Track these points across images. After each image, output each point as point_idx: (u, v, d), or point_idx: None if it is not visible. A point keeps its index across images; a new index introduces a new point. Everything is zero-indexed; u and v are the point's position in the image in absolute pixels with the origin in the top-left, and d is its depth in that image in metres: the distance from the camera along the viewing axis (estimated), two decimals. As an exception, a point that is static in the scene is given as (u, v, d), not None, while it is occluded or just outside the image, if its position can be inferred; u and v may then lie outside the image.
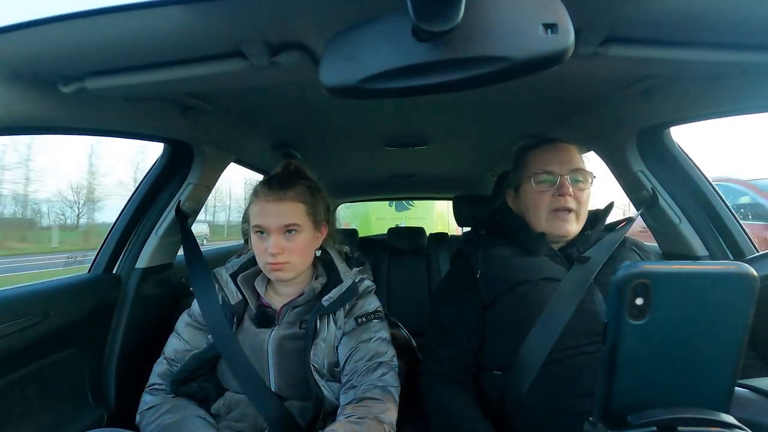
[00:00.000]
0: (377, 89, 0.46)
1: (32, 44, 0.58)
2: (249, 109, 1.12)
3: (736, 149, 44.83)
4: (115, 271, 1.13)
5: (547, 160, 0.89)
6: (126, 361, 1.09)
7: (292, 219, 0.82)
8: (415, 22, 0.39)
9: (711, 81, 0.80)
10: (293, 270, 0.84)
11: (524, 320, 0.79)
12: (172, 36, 0.57)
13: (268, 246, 0.81)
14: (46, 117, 0.72)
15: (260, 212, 0.83)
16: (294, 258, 0.83)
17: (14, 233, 17.88)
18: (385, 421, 0.73)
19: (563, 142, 0.93)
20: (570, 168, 0.87)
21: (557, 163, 0.88)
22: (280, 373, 0.81)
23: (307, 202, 0.85)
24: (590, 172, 0.89)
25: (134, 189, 1.18)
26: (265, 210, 0.82)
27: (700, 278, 0.37)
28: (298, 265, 0.85)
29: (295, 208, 0.83)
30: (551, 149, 0.91)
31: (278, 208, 0.82)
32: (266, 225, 0.82)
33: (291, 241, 0.82)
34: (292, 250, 0.82)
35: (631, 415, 0.39)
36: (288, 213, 0.82)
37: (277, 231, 0.81)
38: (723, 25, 0.57)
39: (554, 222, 0.87)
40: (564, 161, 0.88)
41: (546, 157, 0.90)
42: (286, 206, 0.82)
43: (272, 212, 0.82)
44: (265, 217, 0.82)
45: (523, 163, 0.94)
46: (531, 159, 0.92)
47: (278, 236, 0.81)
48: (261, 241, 0.83)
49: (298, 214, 0.83)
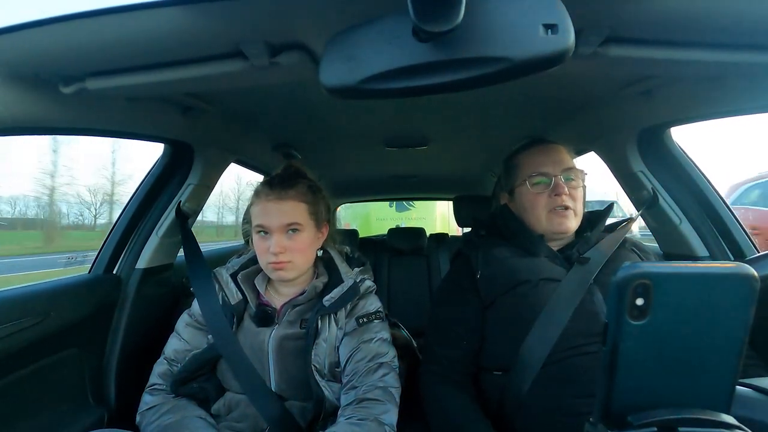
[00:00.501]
0: (377, 90, 0.46)
1: (33, 45, 0.58)
2: (249, 110, 1.12)
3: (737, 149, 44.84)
4: (115, 271, 1.13)
5: (540, 162, 0.90)
6: (126, 362, 1.09)
7: (293, 218, 0.82)
8: (416, 22, 0.39)
9: (712, 81, 0.80)
10: (295, 269, 0.84)
11: (524, 321, 0.79)
12: (173, 36, 0.58)
13: (270, 245, 0.81)
14: (47, 117, 0.73)
15: (262, 212, 0.83)
16: (296, 257, 0.83)
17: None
18: (385, 422, 0.73)
19: (552, 143, 0.95)
20: (562, 168, 0.89)
21: (550, 164, 0.89)
22: (281, 373, 0.81)
23: (309, 201, 0.86)
24: (581, 170, 0.91)
25: (135, 189, 1.18)
26: (267, 209, 0.83)
27: (701, 279, 0.37)
28: (301, 265, 0.85)
29: (297, 207, 0.84)
30: (542, 151, 0.92)
31: (280, 207, 0.82)
32: (268, 224, 0.82)
33: (293, 240, 0.83)
34: (294, 249, 0.82)
35: (631, 416, 0.39)
36: (290, 212, 0.83)
37: (279, 230, 0.82)
38: (723, 25, 0.57)
39: (554, 220, 0.88)
40: (556, 162, 0.90)
41: (538, 159, 0.91)
42: (287, 205, 0.83)
43: (274, 211, 0.82)
44: (267, 217, 0.82)
45: (516, 166, 0.95)
46: (523, 162, 0.94)
47: (280, 235, 0.82)
48: (263, 241, 0.83)
49: (299, 213, 0.84)
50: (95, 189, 25.45)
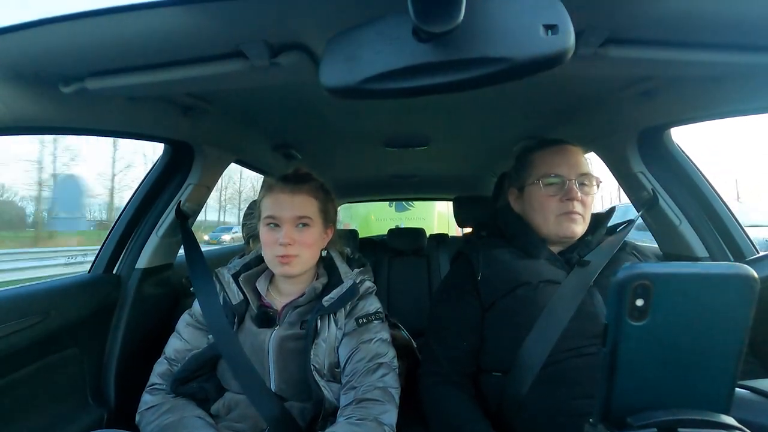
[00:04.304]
0: (378, 90, 0.46)
1: (33, 44, 0.58)
2: (249, 110, 1.12)
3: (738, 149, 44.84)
4: (115, 271, 1.13)
5: (556, 163, 0.88)
6: (126, 362, 1.09)
7: (305, 212, 0.84)
8: (416, 22, 0.39)
9: (712, 82, 0.80)
10: (301, 265, 0.85)
11: (524, 322, 0.79)
12: (173, 36, 0.58)
13: (280, 237, 0.82)
14: (47, 117, 0.73)
15: (274, 203, 0.84)
16: (303, 251, 0.84)
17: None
18: (384, 422, 0.73)
19: (570, 144, 0.92)
20: (578, 172, 0.87)
21: (565, 166, 0.87)
22: (281, 374, 0.81)
23: (320, 199, 0.88)
24: (596, 177, 0.89)
25: (135, 189, 1.18)
26: (280, 201, 0.84)
27: (701, 279, 0.37)
28: (306, 260, 0.86)
29: (309, 202, 0.86)
30: (559, 152, 0.90)
31: (293, 199, 0.84)
32: (280, 215, 0.83)
33: (302, 234, 0.84)
34: (302, 243, 0.83)
35: (631, 417, 0.38)
36: (302, 205, 0.84)
37: (290, 222, 0.83)
38: (723, 26, 0.57)
39: (562, 224, 0.86)
40: (572, 165, 0.87)
41: (554, 160, 0.89)
42: (300, 199, 0.85)
43: (287, 203, 0.84)
44: (280, 208, 0.83)
45: (529, 164, 0.93)
46: (538, 161, 0.91)
47: (291, 227, 0.83)
48: (272, 233, 0.84)
49: (311, 207, 0.85)
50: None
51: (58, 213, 23.06)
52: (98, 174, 25.08)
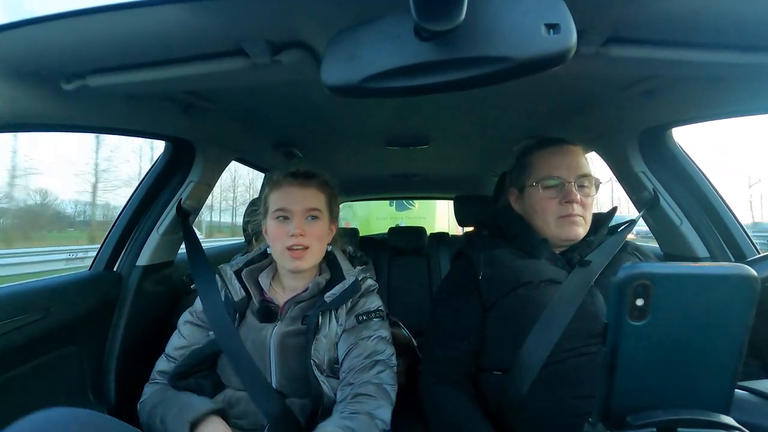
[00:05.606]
0: (379, 88, 0.46)
1: (35, 42, 0.58)
2: (250, 108, 1.12)
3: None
4: (116, 268, 1.13)
5: (555, 165, 0.87)
6: (126, 359, 1.09)
7: (315, 204, 0.86)
8: (418, 21, 0.39)
9: (713, 82, 0.80)
10: (311, 258, 0.86)
11: (525, 322, 0.79)
12: (174, 34, 0.57)
13: (291, 228, 0.83)
14: (48, 114, 0.73)
15: (285, 196, 0.86)
16: (314, 243, 0.85)
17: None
18: (377, 416, 0.73)
19: (569, 144, 0.91)
20: (577, 174, 0.86)
21: (565, 168, 0.86)
22: (282, 369, 0.81)
23: (327, 193, 0.90)
24: (596, 178, 0.88)
25: (136, 186, 1.18)
26: (291, 193, 0.86)
27: (701, 279, 0.37)
28: (316, 254, 0.87)
29: (318, 195, 0.88)
30: (558, 153, 0.89)
31: (304, 192, 0.86)
32: (291, 207, 0.84)
33: (312, 226, 0.85)
34: (312, 234, 0.85)
35: (630, 416, 0.38)
36: (312, 198, 0.86)
37: (300, 214, 0.84)
38: (725, 26, 0.57)
39: (563, 227, 0.86)
40: (572, 166, 0.86)
41: (553, 161, 0.88)
42: (310, 191, 0.87)
43: (298, 195, 0.85)
44: (290, 200, 0.85)
45: (529, 165, 0.92)
46: (537, 162, 0.90)
47: (301, 219, 0.84)
48: (282, 226, 0.85)
49: (320, 200, 0.88)
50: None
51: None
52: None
